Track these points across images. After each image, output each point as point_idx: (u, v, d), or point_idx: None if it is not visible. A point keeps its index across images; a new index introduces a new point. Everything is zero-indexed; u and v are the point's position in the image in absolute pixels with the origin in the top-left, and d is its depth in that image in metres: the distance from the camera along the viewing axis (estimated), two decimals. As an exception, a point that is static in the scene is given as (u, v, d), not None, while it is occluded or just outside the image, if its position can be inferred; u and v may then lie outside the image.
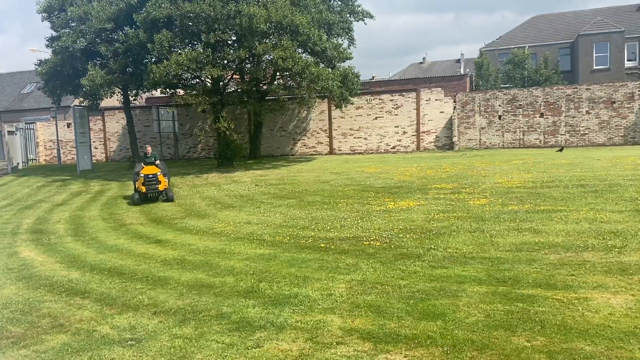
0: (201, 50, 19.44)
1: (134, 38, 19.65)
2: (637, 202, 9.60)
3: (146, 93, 27.44)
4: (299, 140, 28.39)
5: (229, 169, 21.29)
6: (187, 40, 20.42)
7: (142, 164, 15.09)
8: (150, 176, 14.52)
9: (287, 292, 6.14)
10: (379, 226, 9.39)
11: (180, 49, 20.19)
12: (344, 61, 22.69)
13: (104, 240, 10.22)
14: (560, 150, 22.35)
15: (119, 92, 24.17)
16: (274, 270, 7.09)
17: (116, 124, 31.41)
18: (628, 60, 40.44)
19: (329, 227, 9.56)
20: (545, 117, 25.41)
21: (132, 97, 24.78)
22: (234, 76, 23.73)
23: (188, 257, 8.30)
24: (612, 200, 9.98)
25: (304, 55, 21.21)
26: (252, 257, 8.00)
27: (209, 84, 22.12)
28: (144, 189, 14.44)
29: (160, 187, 14.68)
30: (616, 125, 24.55)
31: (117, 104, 28.03)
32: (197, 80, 22.29)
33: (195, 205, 13.70)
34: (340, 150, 27.88)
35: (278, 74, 23.00)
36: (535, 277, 6.00)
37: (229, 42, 20.50)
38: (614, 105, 24.54)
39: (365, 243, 8.26)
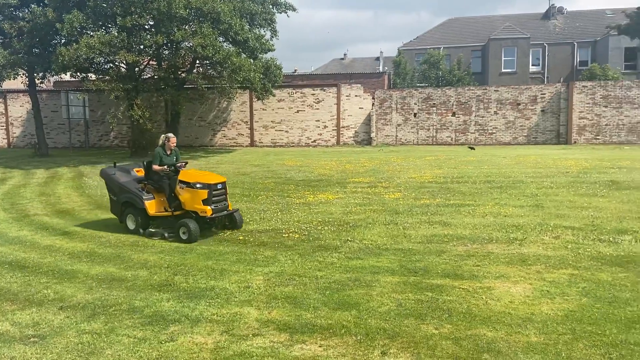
0: (115, 34, 18.55)
1: (41, 17, 18.39)
2: (537, 198, 10.35)
3: (54, 76, 25.78)
4: (219, 131, 27.92)
5: (143, 159, 20.54)
6: (100, 23, 19.39)
7: (159, 164, 8.92)
8: (219, 187, 8.70)
9: (204, 285, 6.05)
10: (298, 219, 9.46)
11: (92, 32, 19.15)
12: (266, 52, 22.56)
13: (4, 232, 9.53)
14: (472, 148, 23.58)
15: (23, 74, 22.51)
16: (190, 264, 6.96)
17: (20, 107, 29.28)
18: (533, 65, 43.31)
19: (248, 220, 9.50)
20: (457, 116, 26.66)
21: (38, 80, 23.17)
22: (151, 62, 22.86)
23: (98, 249, 7.93)
24: (514, 195, 10.69)
25: (225, 44, 20.83)
26: (167, 250, 7.80)
27: (123, 70, 21.15)
28: (209, 211, 8.39)
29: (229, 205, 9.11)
30: (520, 126, 26.24)
31: (22, 86, 26.13)
32: (111, 65, 21.23)
33: (106, 196, 13.07)
34: (262, 142, 27.74)
35: (198, 62, 22.45)
36: (444, 268, 6.32)
37: (146, 26, 19.71)
38: (519, 107, 26.21)
39: (284, 235, 8.30)
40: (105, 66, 21.28)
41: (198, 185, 8.42)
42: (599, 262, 6.41)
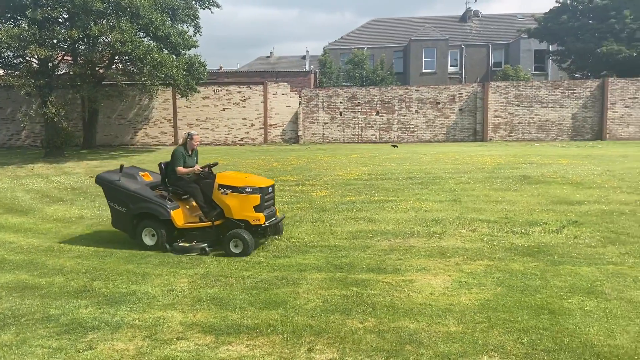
0: (26, 27, 17.44)
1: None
2: (455, 193, 10.82)
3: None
4: (141, 129, 26.97)
5: (58, 159, 19.46)
6: (8, 15, 18.15)
7: (185, 164, 7.81)
8: (270, 190, 7.69)
9: (125, 289, 5.83)
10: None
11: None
12: (189, 49, 22.03)
13: None
14: (395, 146, 24.24)
15: None
16: (110, 268, 6.68)
17: None
18: (451, 65, 45.20)
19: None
20: (380, 114, 27.32)
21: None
22: (66, 58, 21.68)
23: (8, 256, 7.43)
24: (434, 191, 11.12)
25: (145, 40, 20.14)
26: (85, 254, 7.44)
27: (35, 65, 19.90)
28: (263, 218, 7.32)
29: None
30: (440, 124, 27.30)
31: None
32: (21, 60, 19.93)
33: (17, 199, 12.28)
34: (185, 141, 27.11)
35: (117, 58, 21.53)
36: (369, 263, 6.47)
37: (60, 20, 18.68)
38: (438, 106, 27.25)
39: (209, 236, 8.15)
40: (15, 61, 19.95)
41: (248, 190, 7.24)
42: (512, 253, 6.80)
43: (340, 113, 27.45)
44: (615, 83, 26.75)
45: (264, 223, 7.26)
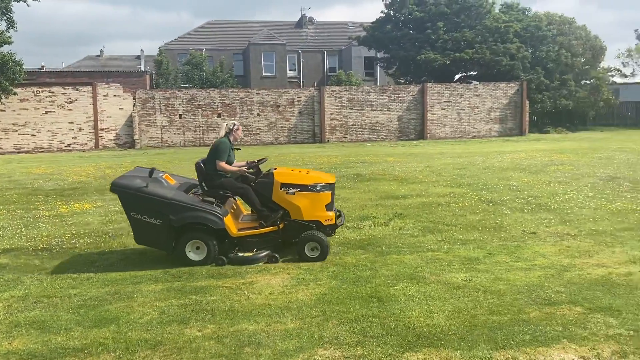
0: None
1: None
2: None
3: None
4: (-58, 136, 23.41)
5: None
6: None
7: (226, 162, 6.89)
8: (334, 186, 7.06)
9: None
10: (48, 233, 8.49)
11: None
12: (1, 46, 19.67)
13: None
14: (237, 149, 24.19)
15: None
16: None
17: None
18: (290, 70, 46.50)
19: (-18, 239, 8.17)
20: (222, 117, 27.12)
21: None
22: None
23: None
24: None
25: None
26: None
27: None
28: (334, 218, 6.81)
29: None
30: (281, 127, 27.94)
31: None
32: None
33: None
34: (1, 148, 24.12)
35: None
36: (209, 269, 6.36)
37: None
38: (279, 109, 27.87)
39: (30, 254, 7.36)
40: None
41: (319, 188, 6.60)
42: (345, 247, 7.21)
43: (180, 115, 26.67)
44: (432, 88, 29.81)
45: (335, 223, 6.75)
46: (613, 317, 4.66)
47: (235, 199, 7.09)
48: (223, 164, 6.68)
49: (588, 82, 39.87)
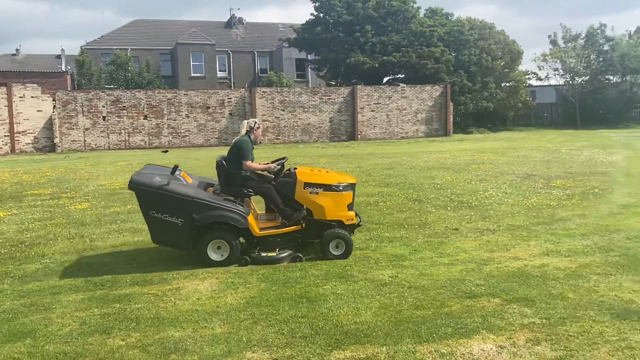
0: None
1: None
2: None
3: None
4: None
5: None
6: None
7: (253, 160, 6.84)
8: (355, 186, 7.04)
9: None
10: (-45, 244, 7.91)
11: None
12: None
13: None
14: (165, 151, 23.59)
15: None
16: None
17: None
18: (220, 70, 45.84)
19: None
20: (149, 119, 26.32)
21: None
22: None
23: None
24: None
25: None
26: None
27: None
28: (354, 218, 6.90)
29: None
30: (212, 129, 27.50)
31: None
32: None
33: None
34: None
35: None
36: (134, 276, 6.16)
37: None
38: (209, 110, 27.41)
39: None
40: None
41: (342, 187, 6.64)
42: (276, 249, 7.18)
43: (104, 118, 25.65)
44: (362, 90, 30.39)
45: (358, 222, 6.90)
46: (528, 307, 4.94)
47: (250, 198, 7.00)
48: (250, 163, 6.68)
49: (507, 84, 42.04)
